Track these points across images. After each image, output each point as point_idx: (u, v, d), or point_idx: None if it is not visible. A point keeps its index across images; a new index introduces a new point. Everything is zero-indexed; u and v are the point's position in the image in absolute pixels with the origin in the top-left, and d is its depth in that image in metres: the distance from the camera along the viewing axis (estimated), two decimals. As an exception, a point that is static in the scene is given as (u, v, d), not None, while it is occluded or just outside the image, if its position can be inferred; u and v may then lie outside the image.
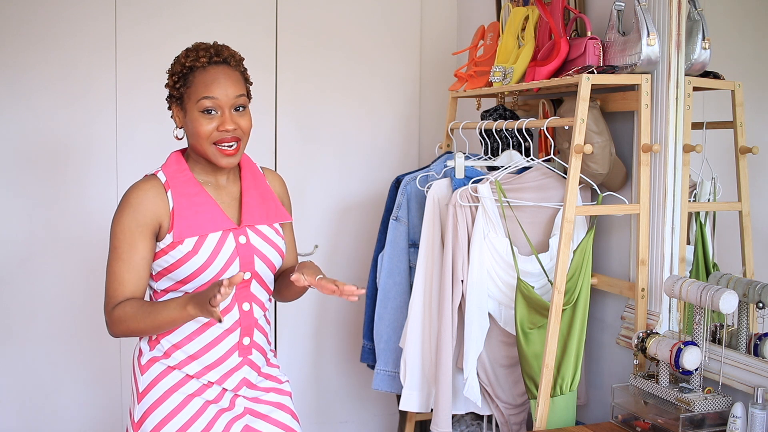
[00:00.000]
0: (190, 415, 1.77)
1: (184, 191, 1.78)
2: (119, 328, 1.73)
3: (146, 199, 1.75)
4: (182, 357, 1.78)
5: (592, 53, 2.20)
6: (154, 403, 1.77)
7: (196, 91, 1.76)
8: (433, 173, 2.62)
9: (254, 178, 1.91)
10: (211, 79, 1.76)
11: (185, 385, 1.78)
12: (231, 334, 1.80)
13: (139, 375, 1.81)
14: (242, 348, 1.82)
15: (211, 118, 1.75)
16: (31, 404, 2.88)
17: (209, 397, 1.79)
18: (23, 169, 2.83)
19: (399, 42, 3.29)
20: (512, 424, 2.45)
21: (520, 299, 2.27)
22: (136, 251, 1.73)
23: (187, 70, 1.78)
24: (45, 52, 2.81)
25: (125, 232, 1.73)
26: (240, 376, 1.83)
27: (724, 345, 1.97)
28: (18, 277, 2.85)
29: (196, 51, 1.79)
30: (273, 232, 1.87)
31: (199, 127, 1.75)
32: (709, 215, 2.19)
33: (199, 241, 1.75)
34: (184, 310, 1.67)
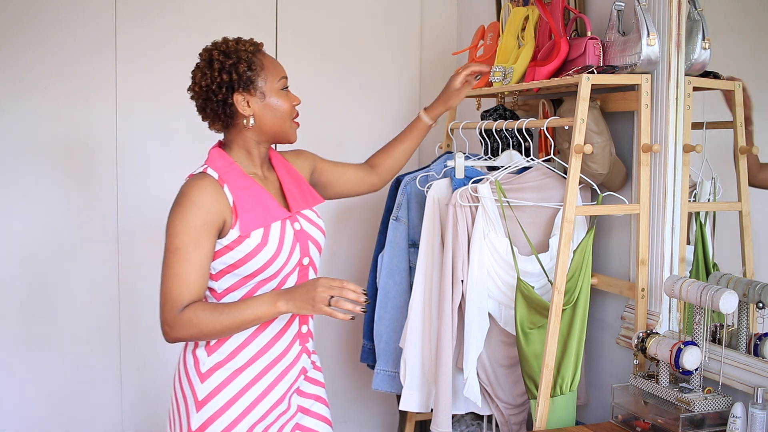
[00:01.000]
0: (251, 424, 1.77)
1: (238, 184, 1.76)
2: (187, 331, 1.68)
3: (209, 195, 1.71)
4: (246, 358, 1.77)
5: (592, 53, 2.20)
6: (217, 412, 1.74)
7: (272, 71, 1.80)
8: (433, 173, 2.62)
9: (284, 166, 1.94)
10: (275, 61, 1.82)
11: (248, 391, 1.77)
12: (292, 324, 1.83)
13: (198, 383, 1.76)
14: (302, 336, 1.85)
15: (288, 94, 1.82)
16: (32, 404, 2.88)
17: (269, 403, 1.79)
18: (23, 169, 2.83)
19: (399, 42, 3.29)
20: (512, 424, 2.45)
21: (520, 299, 2.27)
22: (201, 250, 1.68)
23: (251, 54, 1.78)
24: (45, 52, 2.82)
25: (189, 231, 1.67)
26: (300, 366, 1.86)
27: (724, 345, 1.97)
28: (18, 277, 2.85)
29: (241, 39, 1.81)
30: (314, 215, 1.91)
31: (285, 103, 1.81)
32: (709, 215, 2.19)
33: (265, 232, 1.74)
34: (274, 306, 1.66)
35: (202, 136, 3.04)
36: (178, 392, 1.81)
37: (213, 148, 1.85)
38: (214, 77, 1.76)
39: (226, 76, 1.75)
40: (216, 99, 1.77)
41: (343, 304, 1.62)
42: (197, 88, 1.79)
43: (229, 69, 1.75)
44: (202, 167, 1.80)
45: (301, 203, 1.87)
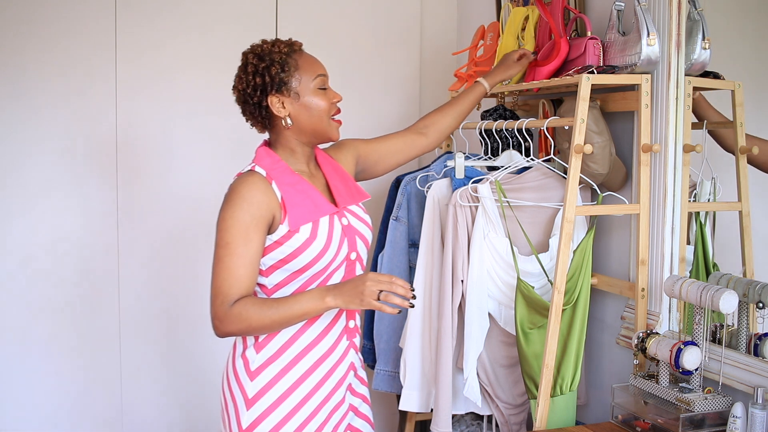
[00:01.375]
0: (301, 421, 1.78)
1: (286, 181, 1.78)
2: (237, 326, 1.69)
3: (258, 191, 1.73)
4: (295, 353, 1.78)
5: (592, 53, 2.20)
6: (267, 410, 1.76)
7: (308, 70, 1.81)
8: (433, 173, 2.62)
9: (329, 163, 1.94)
10: (312, 60, 1.84)
11: (299, 387, 1.78)
12: (339, 319, 1.84)
13: (248, 382, 1.78)
14: (349, 331, 1.87)
15: (326, 93, 1.83)
16: (32, 404, 2.88)
17: (320, 399, 1.81)
18: (23, 169, 2.83)
19: (399, 42, 3.29)
20: (512, 424, 2.45)
21: (520, 299, 2.27)
22: (251, 245, 1.70)
23: (285, 55, 1.80)
24: (45, 52, 2.81)
25: (239, 226, 1.69)
26: (349, 361, 1.88)
27: (724, 345, 1.97)
28: (18, 277, 2.85)
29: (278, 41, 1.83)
30: (361, 210, 1.93)
31: (320, 102, 1.81)
32: (709, 215, 2.19)
33: (314, 227, 1.76)
34: (322, 301, 1.68)
35: (202, 135, 3.05)
36: (227, 393, 1.83)
37: (260, 147, 1.86)
38: (248, 81, 1.80)
39: (259, 79, 1.78)
40: (252, 102, 1.81)
41: (392, 298, 1.65)
42: (236, 92, 1.84)
43: (262, 72, 1.78)
44: (249, 165, 1.82)
45: (347, 199, 1.89)
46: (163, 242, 3.01)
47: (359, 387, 1.97)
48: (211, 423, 3.13)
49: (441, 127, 2.18)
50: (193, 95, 3.00)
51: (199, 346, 3.07)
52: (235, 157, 3.08)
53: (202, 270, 3.08)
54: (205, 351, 3.09)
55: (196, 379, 3.09)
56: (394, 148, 2.11)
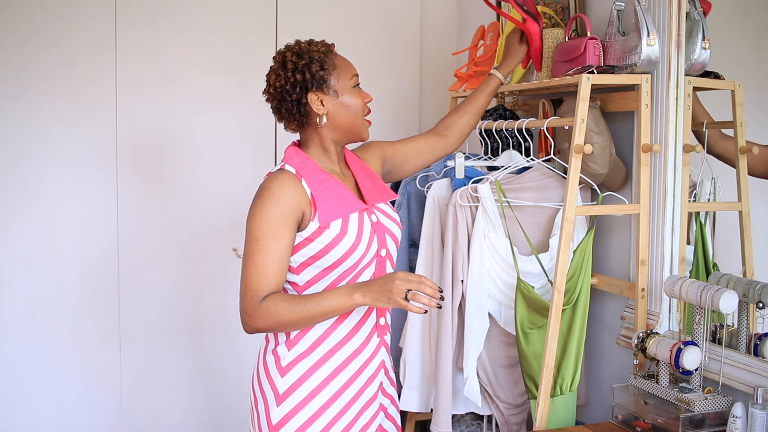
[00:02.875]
0: (330, 418, 1.78)
1: (315, 178, 1.79)
2: (266, 322, 1.69)
3: (288, 188, 1.74)
4: (326, 350, 1.79)
5: (592, 53, 2.20)
6: (297, 406, 1.77)
7: (345, 69, 1.84)
8: (433, 173, 2.62)
9: (357, 163, 1.95)
10: (346, 60, 1.87)
11: (329, 384, 1.79)
12: (370, 316, 1.84)
13: (278, 378, 1.78)
14: (380, 328, 1.87)
15: (360, 91, 1.86)
16: (32, 404, 2.88)
17: (350, 396, 1.81)
18: (23, 169, 2.83)
19: (399, 42, 3.29)
20: (512, 424, 2.45)
21: (520, 299, 2.27)
22: (281, 241, 1.71)
23: (323, 54, 1.82)
24: (45, 52, 2.82)
25: (269, 222, 1.70)
26: (380, 359, 1.87)
27: (724, 345, 1.97)
28: (18, 276, 2.85)
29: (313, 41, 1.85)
30: (389, 209, 1.93)
31: (356, 101, 1.84)
32: (709, 215, 2.19)
33: (344, 223, 1.77)
34: (351, 298, 1.68)
35: (202, 135, 3.05)
36: (257, 390, 1.84)
37: (289, 147, 1.87)
38: (288, 78, 1.80)
39: (299, 76, 1.80)
40: (290, 99, 1.81)
41: (420, 297, 1.64)
42: (272, 89, 1.83)
43: (302, 69, 1.80)
44: (279, 165, 1.83)
45: (376, 197, 1.89)
46: (163, 241, 3.01)
47: (389, 387, 1.96)
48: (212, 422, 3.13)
49: (460, 126, 2.19)
50: (193, 95, 3.00)
51: (199, 345, 3.07)
52: (235, 157, 3.09)
53: (202, 269, 3.09)
54: (205, 350, 3.09)
55: (196, 378, 3.09)
56: (417, 148, 2.12)
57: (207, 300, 3.09)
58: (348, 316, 1.81)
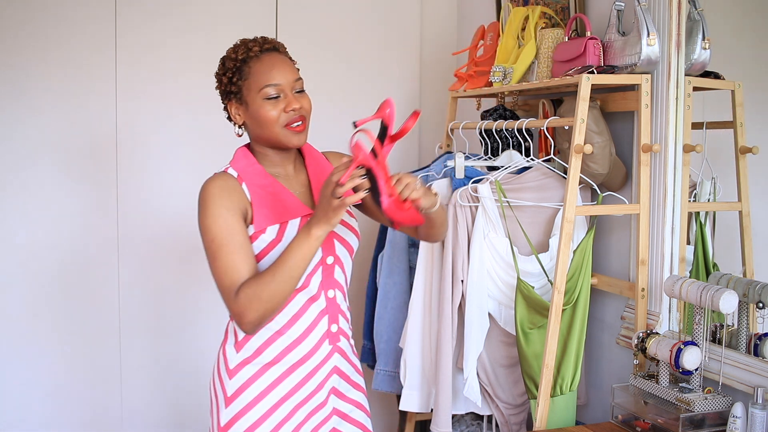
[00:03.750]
0: (278, 421, 1.77)
1: (257, 182, 1.77)
2: (253, 308, 1.64)
3: (227, 188, 1.73)
4: (274, 354, 1.77)
5: (592, 53, 2.20)
6: (244, 409, 1.76)
7: (256, 80, 1.74)
8: (433, 173, 2.62)
9: (318, 164, 1.90)
10: (268, 67, 1.75)
11: (276, 388, 1.77)
12: (320, 323, 1.80)
13: (227, 380, 1.78)
14: (331, 335, 1.83)
15: (276, 102, 1.74)
16: (32, 404, 2.88)
17: (299, 399, 1.79)
18: (23, 170, 2.83)
19: (399, 42, 3.29)
20: (512, 424, 2.45)
21: (520, 299, 2.27)
22: (236, 232, 1.69)
23: (240, 63, 1.76)
24: (46, 53, 2.81)
25: (218, 220, 1.69)
26: (331, 365, 1.84)
27: (724, 345, 1.97)
28: (18, 276, 2.85)
29: (244, 44, 1.78)
30: (346, 215, 1.87)
31: (266, 113, 1.74)
32: (709, 215, 2.19)
33: (281, 229, 1.74)
34: (308, 235, 1.62)
35: (202, 136, 3.05)
36: (211, 389, 1.84)
37: (239, 149, 1.85)
38: (217, 85, 1.82)
39: (219, 85, 1.81)
40: (223, 106, 1.82)
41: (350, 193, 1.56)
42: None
43: (220, 78, 1.80)
44: (224, 167, 1.82)
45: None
46: (163, 242, 3.01)
47: (351, 392, 1.92)
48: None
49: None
50: (194, 95, 3.00)
51: (199, 345, 3.07)
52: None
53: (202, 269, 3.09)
54: (205, 350, 3.09)
55: (196, 378, 3.09)
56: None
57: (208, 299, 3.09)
58: (296, 322, 1.77)
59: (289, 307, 1.77)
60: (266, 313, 1.67)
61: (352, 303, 3.24)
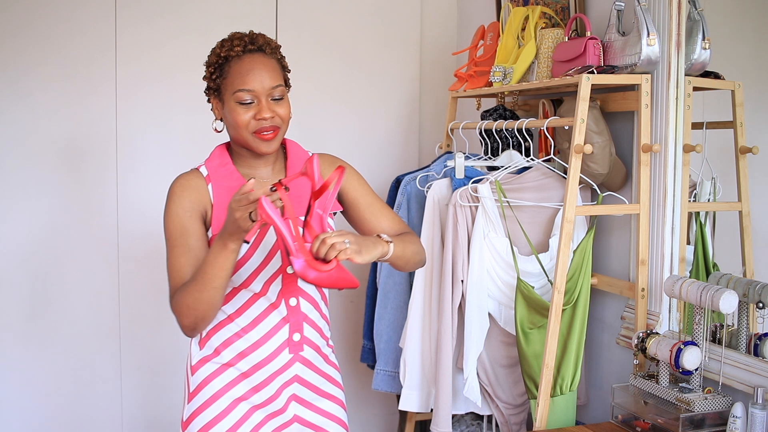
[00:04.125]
0: (236, 420, 1.76)
1: (225, 185, 1.76)
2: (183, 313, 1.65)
3: (189, 186, 1.74)
4: (232, 355, 1.76)
5: (592, 53, 2.20)
6: (202, 405, 1.76)
7: (232, 82, 1.72)
8: (433, 173, 2.62)
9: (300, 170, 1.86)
10: (246, 70, 1.71)
11: (234, 388, 1.77)
12: (279, 331, 1.76)
13: (190, 375, 1.80)
14: (293, 344, 1.78)
15: (248, 107, 1.71)
16: (32, 404, 2.88)
17: (257, 401, 1.78)
18: (23, 170, 2.83)
19: (399, 42, 3.29)
20: (512, 424, 2.45)
21: (520, 299, 2.27)
22: (189, 235, 1.70)
23: (222, 60, 1.75)
24: (45, 52, 2.81)
25: (174, 219, 1.71)
26: (292, 373, 1.79)
27: (724, 345, 1.97)
28: (18, 276, 2.85)
29: (231, 41, 1.76)
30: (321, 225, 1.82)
31: (236, 117, 1.71)
32: (709, 215, 2.19)
33: None
34: (225, 247, 1.59)
35: (202, 136, 3.05)
36: (183, 383, 1.86)
37: (218, 146, 1.84)
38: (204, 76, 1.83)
39: (204, 78, 1.81)
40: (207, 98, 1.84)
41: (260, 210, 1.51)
42: None
43: (206, 72, 1.81)
44: (199, 164, 1.82)
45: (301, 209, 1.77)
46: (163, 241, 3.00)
47: (321, 402, 1.85)
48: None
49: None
50: (193, 95, 2.99)
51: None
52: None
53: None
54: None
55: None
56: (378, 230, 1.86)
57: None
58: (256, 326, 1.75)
59: (250, 311, 1.76)
60: (197, 320, 1.66)
61: (353, 303, 3.27)
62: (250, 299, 1.76)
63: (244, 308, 1.76)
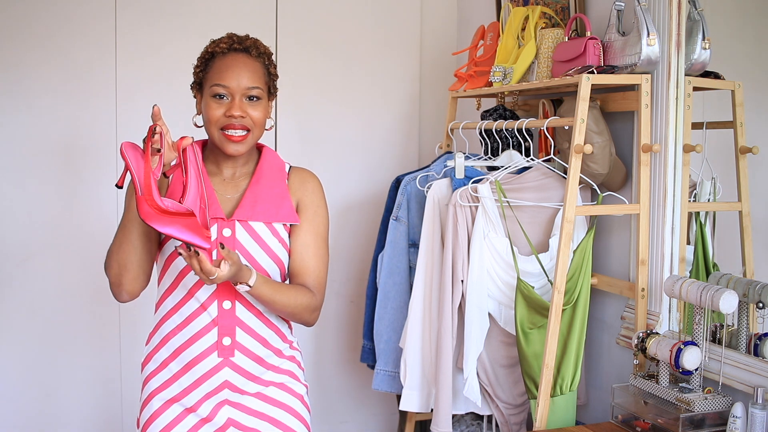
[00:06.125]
0: (167, 422, 1.75)
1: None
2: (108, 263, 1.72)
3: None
4: (167, 353, 1.77)
5: (592, 53, 2.20)
6: (143, 404, 1.80)
7: (211, 76, 1.75)
8: (433, 173, 2.62)
9: (269, 176, 1.83)
10: (226, 66, 1.74)
11: (166, 389, 1.77)
12: (209, 333, 1.73)
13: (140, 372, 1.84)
14: (222, 348, 1.74)
15: (221, 103, 1.74)
16: (32, 404, 2.88)
17: (188, 404, 1.75)
18: (24, 170, 2.83)
19: (399, 42, 3.29)
20: (512, 424, 2.45)
21: (520, 299, 2.27)
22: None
23: (209, 55, 1.78)
24: (45, 53, 2.81)
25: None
26: (221, 379, 1.74)
27: (724, 345, 1.97)
28: (18, 276, 2.85)
29: (220, 39, 1.79)
30: (268, 232, 1.77)
31: (208, 110, 1.74)
32: (709, 215, 2.19)
33: None
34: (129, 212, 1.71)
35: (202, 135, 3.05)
36: None
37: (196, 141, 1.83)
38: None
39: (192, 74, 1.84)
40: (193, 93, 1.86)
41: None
42: None
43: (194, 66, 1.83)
44: None
45: (251, 214, 1.75)
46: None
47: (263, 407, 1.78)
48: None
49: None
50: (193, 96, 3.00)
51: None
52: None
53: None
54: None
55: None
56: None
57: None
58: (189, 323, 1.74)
59: (183, 310, 1.75)
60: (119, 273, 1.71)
61: (353, 303, 3.27)
62: (183, 298, 1.76)
63: (178, 306, 1.76)
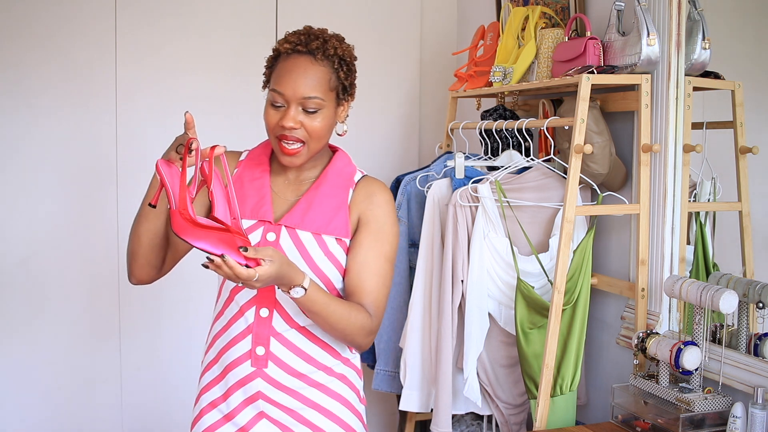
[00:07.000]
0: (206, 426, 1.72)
1: (248, 174, 1.72)
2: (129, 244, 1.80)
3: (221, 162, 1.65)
4: (213, 355, 1.76)
5: (592, 53, 2.20)
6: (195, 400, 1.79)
7: (273, 79, 1.64)
8: (433, 173, 2.62)
9: (332, 183, 1.71)
10: (285, 70, 1.61)
11: (209, 391, 1.74)
12: (244, 339, 1.67)
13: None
14: (255, 358, 1.65)
15: (278, 110, 1.62)
16: (32, 404, 2.88)
17: (226, 410, 1.70)
18: (23, 170, 2.83)
19: (399, 42, 3.29)
20: (512, 424, 2.45)
21: (520, 299, 2.27)
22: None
23: (276, 54, 1.66)
24: (46, 53, 2.81)
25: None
26: (254, 388, 1.66)
27: (724, 345, 1.97)
28: (19, 276, 2.85)
29: (291, 34, 1.66)
30: (315, 244, 1.65)
31: (265, 116, 1.64)
32: (709, 215, 2.19)
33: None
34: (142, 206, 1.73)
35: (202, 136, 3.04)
36: None
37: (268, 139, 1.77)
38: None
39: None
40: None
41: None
42: None
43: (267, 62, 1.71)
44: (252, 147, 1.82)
45: (299, 222, 1.65)
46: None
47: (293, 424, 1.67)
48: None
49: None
50: (193, 96, 3.00)
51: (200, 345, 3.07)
52: (235, 157, 3.08)
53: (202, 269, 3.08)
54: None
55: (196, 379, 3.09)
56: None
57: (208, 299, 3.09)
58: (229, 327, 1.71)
59: (225, 314, 1.72)
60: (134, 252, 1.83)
61: (352, 303, 3.26)
62: (226, 300, 1.73)
63: (223, 309, 1.75)
